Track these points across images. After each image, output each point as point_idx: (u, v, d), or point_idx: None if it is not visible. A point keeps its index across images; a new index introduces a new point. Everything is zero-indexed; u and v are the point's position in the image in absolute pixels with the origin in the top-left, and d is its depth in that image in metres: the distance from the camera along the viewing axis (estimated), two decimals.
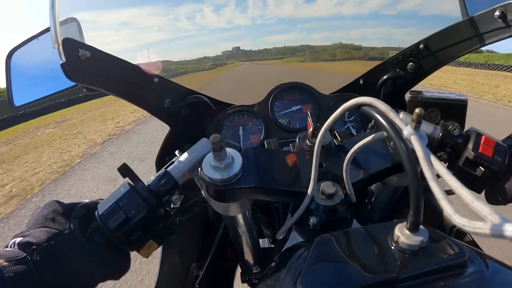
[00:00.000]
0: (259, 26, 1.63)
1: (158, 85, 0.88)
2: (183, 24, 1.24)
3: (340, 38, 1.63)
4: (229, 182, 0.49)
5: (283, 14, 1.68)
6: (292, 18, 1.67)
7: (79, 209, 0.54)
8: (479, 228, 0.27)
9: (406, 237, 0.35)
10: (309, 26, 1.67)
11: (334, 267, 0.39)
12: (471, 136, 0.69)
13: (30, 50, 0.99)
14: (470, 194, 0.29)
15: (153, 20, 1.12)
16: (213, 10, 1.28)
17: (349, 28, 1.60)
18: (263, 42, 1.55)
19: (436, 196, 0.32)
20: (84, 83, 0.71)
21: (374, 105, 0.42)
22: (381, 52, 1.54)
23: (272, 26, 1.64)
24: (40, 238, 0.47)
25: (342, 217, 0.52)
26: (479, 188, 0.71)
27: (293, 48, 1.87)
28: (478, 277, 0.33)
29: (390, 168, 0.52)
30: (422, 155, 0.35)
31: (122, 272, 0.56)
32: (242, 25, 1.43)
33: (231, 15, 1.48)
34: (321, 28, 1.72)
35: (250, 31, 1.56)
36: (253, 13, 1.48)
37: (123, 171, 0.55)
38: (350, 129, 1.06)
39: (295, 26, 1.68)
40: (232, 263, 1.12)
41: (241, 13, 1.61)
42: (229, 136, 1.07)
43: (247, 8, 1.60)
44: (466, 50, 0.77)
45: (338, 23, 1.59)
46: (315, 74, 2.15)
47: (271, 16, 1.62)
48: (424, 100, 0.76)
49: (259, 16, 1.53)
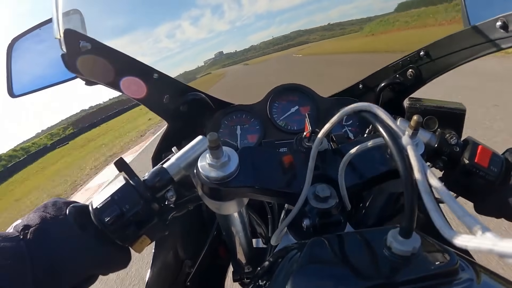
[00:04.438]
0: (240, 27, 1.64)
1: (158, 80, 0.88)
2: (165, 44, 1.25)
3: (322, 20, 1.65)
4: (225, 181, 0.49)
5: (260, 10, 1.69)
6: (269, 12, 1.68)
7: (78, 204, 0.55)
8: (468, 242, 0.27)
9: (399, 243, 0.35)
10: (287, 17, 1.68)
11: (326, 270, 0.39)
12: (468, 146, 0.69)
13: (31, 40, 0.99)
14: (461, 207, 0.30)
15: (134, 48, 1.12)
16: (191, 23, 1.28)
17: (327, 9, 1.62)
18: (246, 42, 1.54)
19: (428, 208, 0.32)
20: (83, 75, 0.71)
21: (372, 111, 0.42)
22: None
23: (252, 25, 1.65)
24: (35, 220, 0.49)
25: (335, 221, 0.51)
26: (473, 198, 0.71)
27: (284, 36, 1.87)
28: (468, 285, 0.33)
29: (386, 173, 0.52)
30: (416, 165, 0.35)
31: (116, 266, 0.56)
32: (222, 31, 1.43)
33: (210, 24, 1.47)
34: (299, 16, 1.72)
35: (231, 35, 1.57)
36: (230, 16, 1.48)
37: (119, 165, 0.54)
38: (348, 133, 1.06)
39: (274, 19, 1.69)
40: (225, 261, 1.12)
41: (219, 20, 1.61)
42: (226, 135, 1.07)
43: (224, 13, 1.60)
44: (467, 58, 0.78)
45: (314, 6, 1.61)
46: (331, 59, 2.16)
47: (249, 15, 1.62)
48: (422, 107, 0.76)
49: (237, 18, 1.53)
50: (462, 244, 0.28)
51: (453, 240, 0.29)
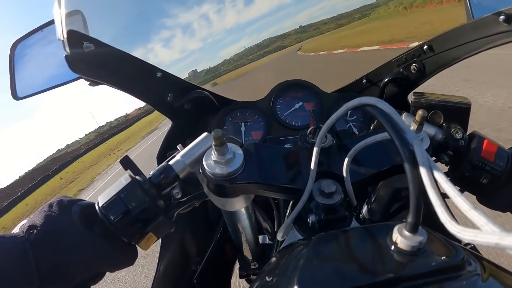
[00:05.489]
0: (212, 43, 1.66)
1: (161, 79, 0.89)
2: None
3: (291, 25, 1.68)
4: (230, 177, 0.49)
5: (230, 24, 1.72)
6: (239, 25, 1.71)
7: (83, 202, 0.55)
8: (474, 237, 0.27)
9: (405, 238, 0.35)
10: (257, 26, 1.71)
11: (332, 265, 0.39)
12: (473, 140, 0.69)
13: (34, 42, 0.99)
14: (467, 202, 0.29)
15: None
16: (163, 45, 1.29)
17: (296, 14, 1.65)
18: (219, 57, 1.54)
19: (433, 203, 0.32)
20: (87, 76, 0.71)
21: (377, 106, 0.42)
22: None
23: (223, 39, 1.68)
24: (40, 220, 0.49)
25: (341, 216, 0.52)
26: (479, 192, 0.71)
27: (257, 45, 1.90)
28: (475, 280, 0.33)
29: (391, 169, 0.52)
30: (421, 160, 0.35)
31: (123, 263, 0.56)
32: (195, 49, 1.45)
33: (182, 44, 1.47)
34: (269, 24, 1.75)
35: (204, 52, 1.59)
36: (201, 34, 1.49)
37: (124, 163, 0.55)
38: (352, 128, 1.06)
39: (244, 31, 1.72)
40: (231, 258, 1.13)
41: (190, 39, 1.63)
42: (231, 132, 1.07)
43: (194, 31, 1.61)
44: (471, 52, 0.77)
45: (282, 13, 1.63)
46: None
47: (219, 31, 1.65)
48: (427, 102, 0.76)
49: (208, 35, 1.54)
50: (468, 238, 0.28)
51: (459, 234, 0.29)
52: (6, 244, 0.45)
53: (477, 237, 0.27)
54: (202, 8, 1.93)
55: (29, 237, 0.47)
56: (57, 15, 0.67)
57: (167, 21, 1.38)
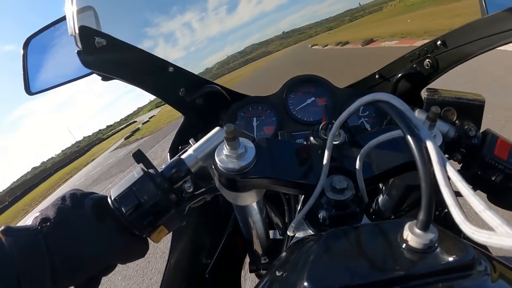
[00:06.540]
0: (194, 52, 1.66)
1: (173, 74, 0.89)
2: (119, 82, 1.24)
3: (274, 32, 1.70)
4: (242, 172, 0.49)
5: (212, 32, 1.74)
6: (222, 34, 1.74)
7: (96, 195, 0.56)
8: (488, 238, 0.27)
9: (416, 235, 0.35)
10: (240, 34, 1.73)
11: (342, 261, 0.39)
12: (487, 138, 0.68)
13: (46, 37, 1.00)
14: (482, 202, 0.29)
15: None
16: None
17: (278, 21, 1.67)
18: (201, 66, 1.54)
19: (447, 202, 0.32)
20: (99, 71, 0.72)
21: (390, 102, 0.42)
22: None
23: (205, 48, 1.69)
24: (53, 213, 0.50)
25: (352, 212, 0.51)
26: (491, 191, 0.70)
27: (240, 53, 1.92)
28: (485, 279, 0.33)
29: (403, 165, 0.51)
30: (434, 157, 0.35)
31: (134, 256, 0.57)
32: (177, 58, 1.46)
33: (164, 52, 1.47)
34: (251, 32, 1.77)
35: (187, 61, 1.60)
36: (184, 42, 1.48)
37: (137, 157, 0.55)
38: (364, 124, 1.05)
39: (226, 39, 1.74)
40: (241, 253, 1.13)
41: (172, 48, 1.62)
42: (243, 127, 1.07)
43: (177, 40, 1.60)
44: (485, 48, 0.76)
45: (264, 21, 1.65)
46: None
47: (202, 39, 1.66)
48: (440, 98, 0.75)
49: (190, 43, 1.53)
50: (482, 240, 0.28)
51: (474, 236, 0.28)
52: (19, 237, 0.45)
53: (491, 239, 0.27)
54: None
55: (42, 230, 0.47)
56: (68, 11, 0.68)
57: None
